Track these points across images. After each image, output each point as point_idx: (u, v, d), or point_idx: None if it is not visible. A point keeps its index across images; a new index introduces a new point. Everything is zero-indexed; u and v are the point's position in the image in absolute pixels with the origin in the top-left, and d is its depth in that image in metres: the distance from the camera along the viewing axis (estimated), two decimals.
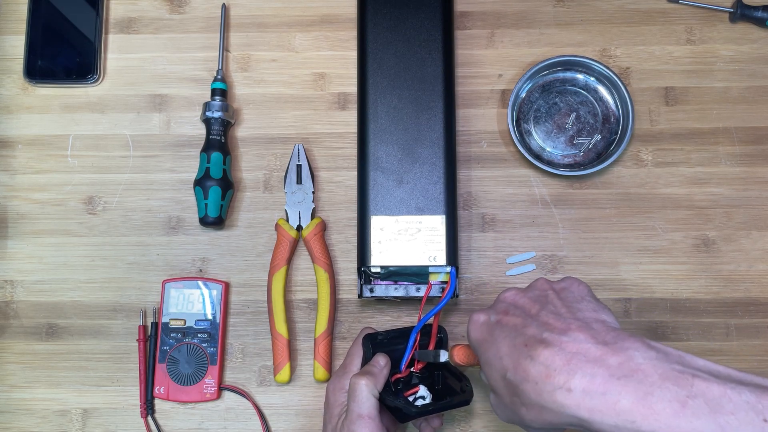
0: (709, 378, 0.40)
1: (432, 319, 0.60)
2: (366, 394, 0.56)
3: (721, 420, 0.38)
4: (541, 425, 0.45)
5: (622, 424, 0.41)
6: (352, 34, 0.73)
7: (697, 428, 0.39)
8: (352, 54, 0.72)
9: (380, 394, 0.57)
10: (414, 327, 0.61)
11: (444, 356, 0.58)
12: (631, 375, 0.42)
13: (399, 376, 0.60)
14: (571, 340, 0.45)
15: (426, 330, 0.61)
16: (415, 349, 0.61)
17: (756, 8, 0.70)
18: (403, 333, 0.62)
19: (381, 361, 0.59)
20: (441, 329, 0.62)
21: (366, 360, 0.61)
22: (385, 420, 0.57)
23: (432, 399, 0.60)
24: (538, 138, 0.70)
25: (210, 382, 0.66)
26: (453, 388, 0.60)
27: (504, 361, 0.47)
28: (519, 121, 0.71)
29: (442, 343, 0.62)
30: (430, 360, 0.60)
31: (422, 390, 0.60)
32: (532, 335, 0.47)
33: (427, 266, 0.63)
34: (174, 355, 0.67)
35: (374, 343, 0.61)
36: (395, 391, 0.60)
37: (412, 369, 0.61)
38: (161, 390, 0.67)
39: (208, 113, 0.69)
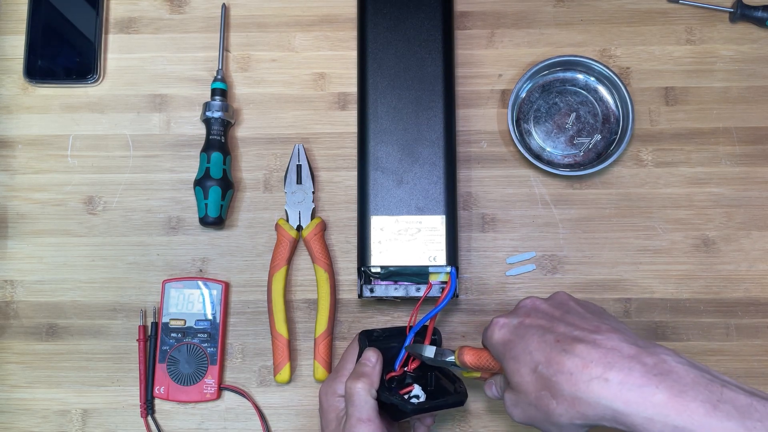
0: (736, 389, 0.43)
1: (429, 320, 0.60)
2: (364, 397, 0.56)
3: (749, 424, 0.41)
4: (571, 419, 0.46)
5: (656, 417, 0.43)
6: (352, 34, 0.73)
7: (728, 428, 0.41)
8: (352, 54, 0.72)
9: (376, 391, 0.57)
10: (412, 327, 0.61)
11: (448, 356, 0.58)
12: (666, 374, 0.44)
13: (393, 374, 0.60)
14: (605, 338, 0.47)
15: (420, 330, 0.61)
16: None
17: (756, 8, 0.70)
18: (400, 331, 0.62)
19: (372, 357, 0.59)
20: (435, 331, 0.62)
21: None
22: (383, 420, 0.57)
23: (426, 399, 0.60)
24: (538, 138, 0.70)
25: (210, 382, 0.66)
26: (446, 389, 0.60)
27: (534, 355, 0.49)
28: (519, 121, 0.71)
29: (435, 345, 0.62)
30: (422, 354, 0.59)
31: (416, 389, 0.60)
32: (563, 332, 0.49)
33: (427, 266, 0.63)
34: (174, 355, 0.67)
35: (370, 339, 0.61)
36: (389, 389, 0.60)
37: (406, 368, 0.61)
38: (161, 390, 0.67)
39: (208, 113, 0.69)
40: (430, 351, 0.58)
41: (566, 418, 0.46)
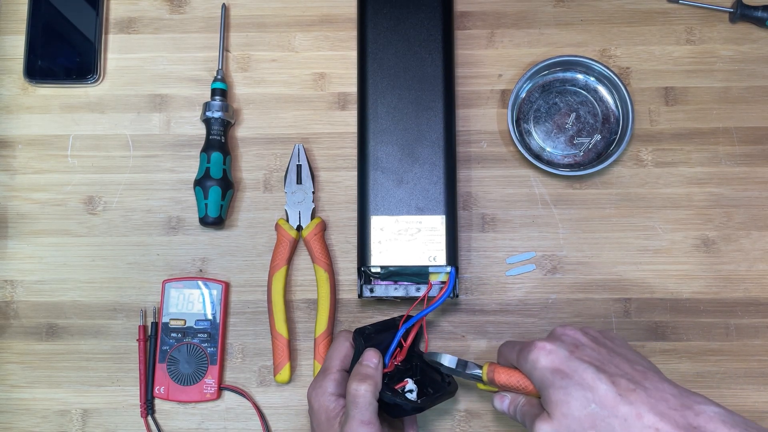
0: None
1: (421, 318, 0.60)
2: (370, 399, 0.55)
3: None
4: None
5: None
6: (352, 34, 0.73)
7: None
8: (352, 54, 0.72)
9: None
10: (402, 320, 0.61)
11: (473, 369, 0.57)
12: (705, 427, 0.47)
13: (387, 370, 0.60)
14: (654, 387, 0.49)
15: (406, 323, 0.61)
16: (407, 345, 0.61)
17: (756, 8, 0.70)
18: (387, 325, 0.61)
19: (374, 358, 0.58)
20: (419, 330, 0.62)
21: (358, 355, 0.60)
22: (380, 419, 0.57)
23: (417, 391, 0.60)
24: (538, 138, 0.70)
25: (210, 382, 0.66)
26: (435, 379, 0.60)
27: (588, 393, 0.49)
28: (519, 121, 0.71)
29: (415, 343, 0.62)
30: (441, 363, 0.58)
31: (410, 383, 0.60)
32: (615, 374, 0.50)
33: (427, 266, 0.63)
34: (174, 355, 0.67)
35: (363, 336, 0.60)
36: (387, 387, 0.59)
37: (395, 361, 0.61)
38: (161, 390, 0.67)
39: (208, 113, 0.69)
40: (450, 361, 0.58)
41: None
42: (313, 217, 0.69)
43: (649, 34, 0.72)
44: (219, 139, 0.69)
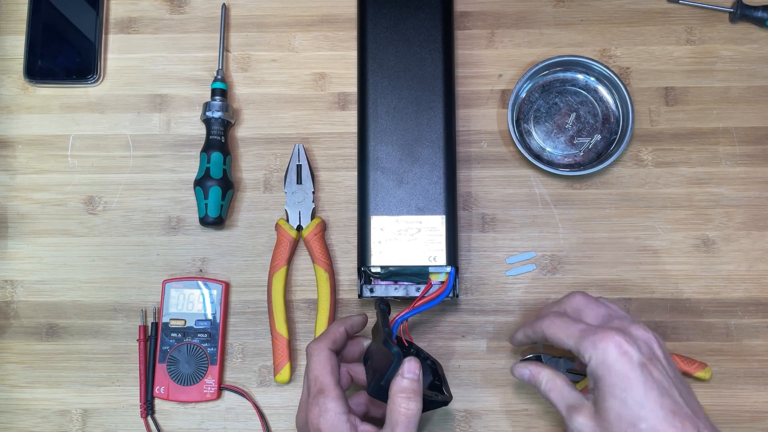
0: None
1: (414, 314, 0.61)
2: (418, 416, 0.52)
3: None
4: None
5: None
6: (352, 34, 0.73)
7: None
8: (352, 54, 0.72)
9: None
10: (395, 319, 0.60)
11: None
12: None
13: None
14: (704, 426, 0.49)
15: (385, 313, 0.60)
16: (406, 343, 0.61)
17: (756, 8, 0.71)
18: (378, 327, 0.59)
19: (416, 370, 0.53)
20: (385, 304, 0.60)
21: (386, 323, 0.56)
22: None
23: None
24: (538, 138, 0.70)
25: (210, 382, 0.66)
26: (434, 383, 0.61)
27: (646, 412, 0.48)
28: (519, 121, 0.71)
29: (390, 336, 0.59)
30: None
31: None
32: (678, 403, 0.49)
33: (427, 266, 0.63)
34: (174, 355, 0.67)
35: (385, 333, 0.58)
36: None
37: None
38: (161, 390, 0.67)
39: (208, 113, 0.69)
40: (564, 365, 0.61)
41: None
42: (313, 217, 0.69)
43: (649, 34, 0.72)
44: (219, 139, 0.69)
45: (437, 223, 0.64)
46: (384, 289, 0.64)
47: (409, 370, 0.53)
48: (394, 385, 0.53)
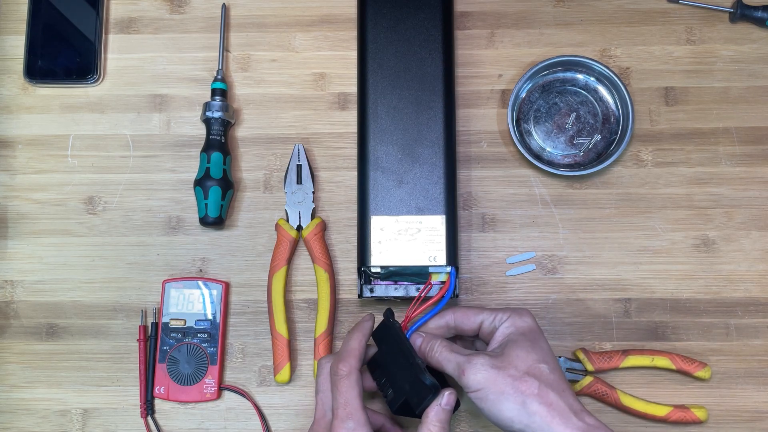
0: None
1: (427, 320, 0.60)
2: None
3: None
4: None
5: None
6: (352, 34, 0.73)
7: None
8: (352, 54, 0.72)
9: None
10: (404, 323, 0.60)
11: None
12: None
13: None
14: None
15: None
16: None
17: (756, 8, 0.71)
18: (387, 329, 0.60)
19: (453, 402, 0.56)
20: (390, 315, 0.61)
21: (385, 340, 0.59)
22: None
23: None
24: (538, 138, 0.70)
25: (210, 382, 0.66)
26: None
27: (548, 359, 0.56)
28: (519, 121, 0.71)
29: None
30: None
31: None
32: None
33: (427, 266, 0.63)
34: (174, 355, 0.67)
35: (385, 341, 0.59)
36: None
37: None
38: (161, 390, 0.67)
39: (208, 113, 0.69)
40: None
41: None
42: (313, 217, 0.69)
43: (649, 34, 0.72)
44: (219, 139, 0.69)
45: (437, 223, 0.64)
46: (384, 289, 0.64)
47: (448, 402, 0.56)
48: (431, 412, 0.55)
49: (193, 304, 0.68)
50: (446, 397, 0.55)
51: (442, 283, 0.64)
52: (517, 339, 0.56)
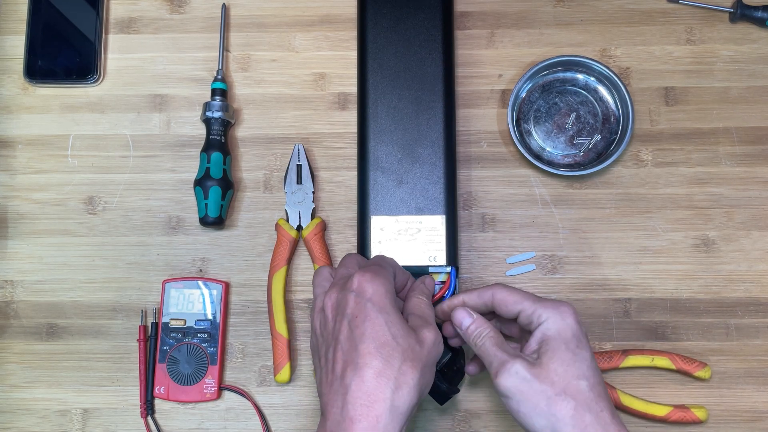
0: None
1: None
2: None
3: None
4: None
5: None
6: (352, 34, 0.73)
7: None
8: (352, 54, 0.72)
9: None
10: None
11: None
12: None
13: None
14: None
15: None
16: None
17: (756, 8, 0.71)
18: None
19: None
20: None
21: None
22: None
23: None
24: (538, 138, 0.70)
25: (210, 382, 0.67)
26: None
27: (590, 373, 0.53)
28: (519, 121, 0.71)
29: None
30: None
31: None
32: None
33: (427, 266, 0.63)
34: (174, 355, 0.67)
35: None
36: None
37: None
38: (161, 390, 0.67)
39: (208, 113, 0.69)
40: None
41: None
42: (313, 217, 0.69)
43: (649, 34, 0.72)
44: (219, 139, 0.69)
45: (437, 223, 0.64)
46: None
47: (430, 283, 0.59)
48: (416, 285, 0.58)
49: (193, 304, 0.68)
50: (428, 278, 0.59)
51: (442, 283, 0.64)
52: (557, 347, 0.52)
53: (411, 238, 0.64)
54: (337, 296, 0.53)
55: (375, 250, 0.63)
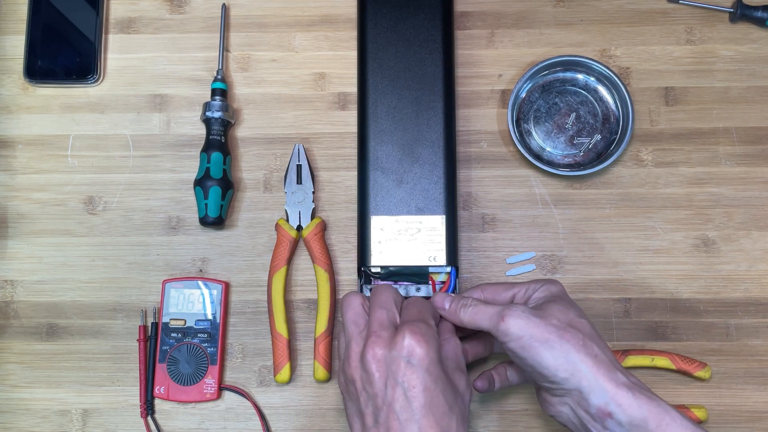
0: None
1: None
2: None
3: None
4: None
5: None
6: (352, 34, 0.73)
7: None
8: (352, 54, 0.72)
9: None
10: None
11: None
12: None
13: None
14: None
15: None
16: None
17: (756, 8, 0.71)
18: None
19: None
20: None
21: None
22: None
23: None
24: (538, 138, 0.70)
25: (210, 382, 0.67)
26: None
27: (583, 321, 0.55)
28: (519, 121, 0.71)
29: None
30: None
31: None
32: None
33: (427, 266, 0.63)
34: (174, 355, 0.67)
35: None
36: None
37: None
38: (161, 390, 0.67)
39: (208, 113, 0.69)
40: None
41: None
42: (313, 217, 0.69)
43: (649, 34, 0.72)
44: (219, 139, 0.69)
45: (437, 223, 0.64)
46: None
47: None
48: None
49: (193, 304, 0.68)
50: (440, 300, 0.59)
51: (442, 283, 0.64)
52: (554, 299, 0.56)
53: (411, 238, 0.64)
54: (384, 355, 0.52)
55: (375, 250, 0.63)
